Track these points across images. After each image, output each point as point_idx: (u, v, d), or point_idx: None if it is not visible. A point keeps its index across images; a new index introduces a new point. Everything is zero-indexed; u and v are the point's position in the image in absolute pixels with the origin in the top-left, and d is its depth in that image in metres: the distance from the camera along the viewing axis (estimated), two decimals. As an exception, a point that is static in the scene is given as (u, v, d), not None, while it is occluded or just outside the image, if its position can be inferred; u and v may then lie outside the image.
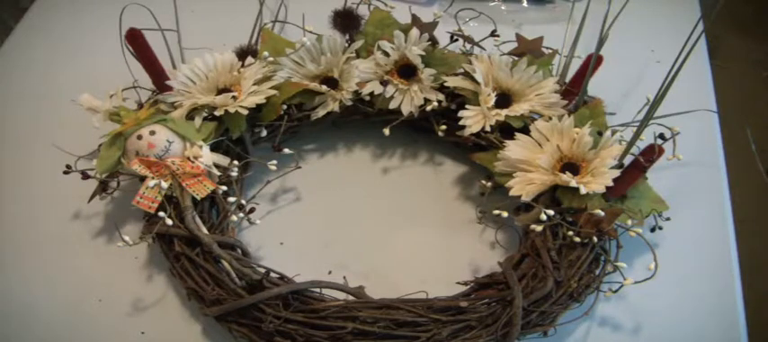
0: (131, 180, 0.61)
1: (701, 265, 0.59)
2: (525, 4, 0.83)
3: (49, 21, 0.82)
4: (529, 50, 0.65)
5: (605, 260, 0.55)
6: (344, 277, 0.55)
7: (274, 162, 0.62)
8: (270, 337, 0.51)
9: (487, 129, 0.60)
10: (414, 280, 0.55)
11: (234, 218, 0.57)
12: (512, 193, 0.56)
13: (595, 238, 0.54)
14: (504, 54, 0.66)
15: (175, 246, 0.55)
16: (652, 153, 0.54)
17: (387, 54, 0.64)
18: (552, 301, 0.52)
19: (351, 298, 0.53)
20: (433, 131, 0.64)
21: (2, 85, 0.75)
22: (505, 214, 0.56)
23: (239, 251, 0.56)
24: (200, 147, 0.58)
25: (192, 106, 0.60)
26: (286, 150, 0.63)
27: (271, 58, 0.63)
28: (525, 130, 0.59)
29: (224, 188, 0.58)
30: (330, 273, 0.58)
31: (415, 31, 0.63)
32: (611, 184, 0.54)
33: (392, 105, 0.63)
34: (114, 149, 0.57)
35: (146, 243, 0.58)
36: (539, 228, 0.54)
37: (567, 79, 0.64)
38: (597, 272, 0.54)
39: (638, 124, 0.57)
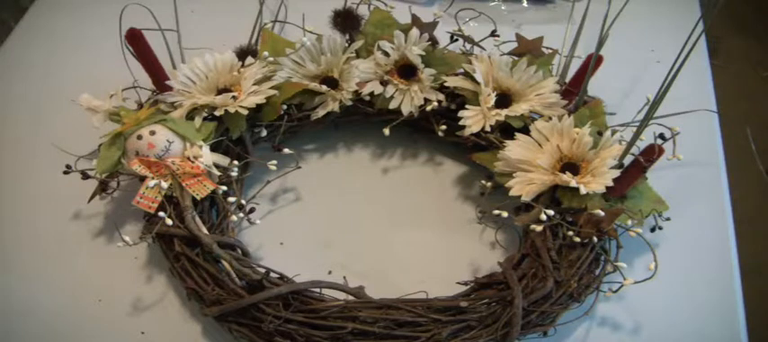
0: (131, 180, 0.61)
1: (701, 264, 0.59)
2: (525, 4, 0.83)
3: (49, 21, 0.82)
4: (529, 50, 0.65)
5: (605, 260, 0.55)
6: (344, 277, 0.55)
7: (274, 162, 0.62)
8: (270, 337, 0.51)
9: (487, 129, 0.60)
10: (414, 280, 0.55)
11: (234, 218, 0.57)
12: (512, 193, 0.56)
13: (595, 238, 0.54)
14: (504, 54, 0.66)
15: (175, 246, 0.55)
16: (652, 153, 0.54)
17: (387, 54, 0.64)
18: (552, 301, 0.52)
19: (351, 298, 0.53)
20: (433, 131, 0.64)
21: (2, 85, 0.75)
22: (505, 214, 0.56)
23: (239, 251, 0.56)
24: (200, 147, 0.58)
25: (192, 106, 0.60)
26: (286, 150, 0.63)
27: (271, 58, 0.63)
28: (525, 130, 0.59)
29: (224, 188, 0.58)
30: (330, 273, 0.58)
31: (415, 31, 0.63)
32: (611, 184, 0.54)
33: (392, 105, 0.63)
34: (114, 149, 0.57)
35: (146, 243, 0.58)
36: (539, 228, 0.54)
37: (567, 79, 0.64)
38: (597, 272, 0.54)
39: (638, 124, 0.57)
